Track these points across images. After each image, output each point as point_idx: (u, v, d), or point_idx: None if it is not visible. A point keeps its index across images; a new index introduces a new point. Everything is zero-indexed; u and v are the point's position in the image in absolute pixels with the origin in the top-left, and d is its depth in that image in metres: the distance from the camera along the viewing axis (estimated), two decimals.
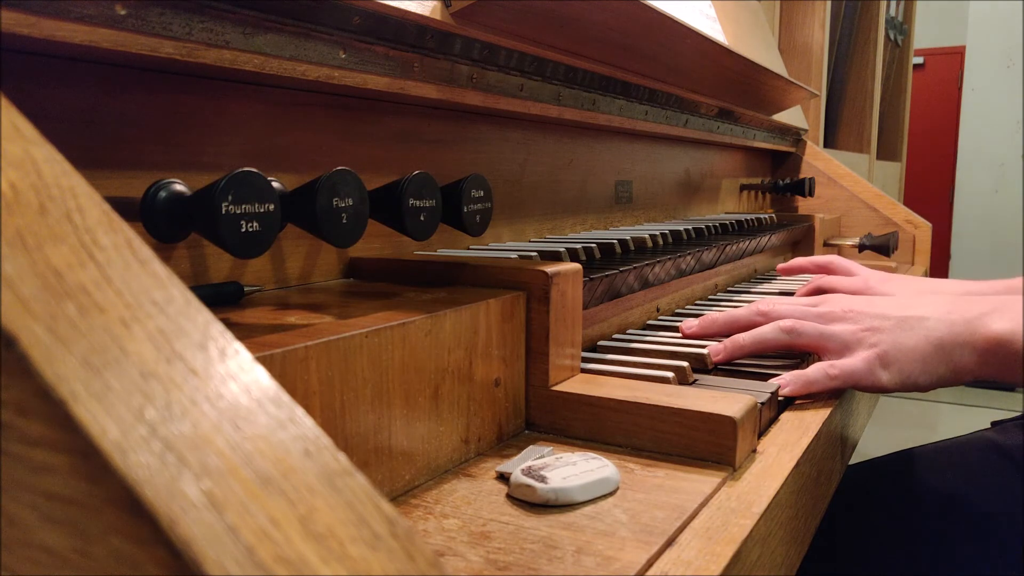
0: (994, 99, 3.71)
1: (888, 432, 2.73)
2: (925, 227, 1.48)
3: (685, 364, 0.57)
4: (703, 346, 0.64)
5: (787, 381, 0.57)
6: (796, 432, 0.51)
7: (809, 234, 1.31)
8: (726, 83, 1.03)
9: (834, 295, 0.68)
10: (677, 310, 0.84)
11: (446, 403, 0.43)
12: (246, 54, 0.43)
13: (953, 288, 0.81)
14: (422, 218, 0.49)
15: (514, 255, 0.62)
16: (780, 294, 0.94)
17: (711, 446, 0.44)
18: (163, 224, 0.40)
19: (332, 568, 0.17)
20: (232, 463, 0.18)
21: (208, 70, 0.44)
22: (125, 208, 0.40)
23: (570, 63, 0.73)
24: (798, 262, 0.95)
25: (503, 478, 0.42)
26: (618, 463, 0.43)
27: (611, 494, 0.40)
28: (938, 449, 0.80)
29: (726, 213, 1.37)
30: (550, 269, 0.49)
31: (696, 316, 0.71)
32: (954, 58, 4.05)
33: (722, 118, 1.18)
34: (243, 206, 0.38)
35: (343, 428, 0.36)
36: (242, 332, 0.36)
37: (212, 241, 0.39)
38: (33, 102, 0.39)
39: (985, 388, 3.25)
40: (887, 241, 1.30)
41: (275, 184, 0.45)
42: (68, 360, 0.18)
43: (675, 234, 0.88)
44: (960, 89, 3.89)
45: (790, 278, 1.07)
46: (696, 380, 0.57)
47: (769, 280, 1.08)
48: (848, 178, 1.57)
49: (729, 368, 0.63)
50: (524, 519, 0.37)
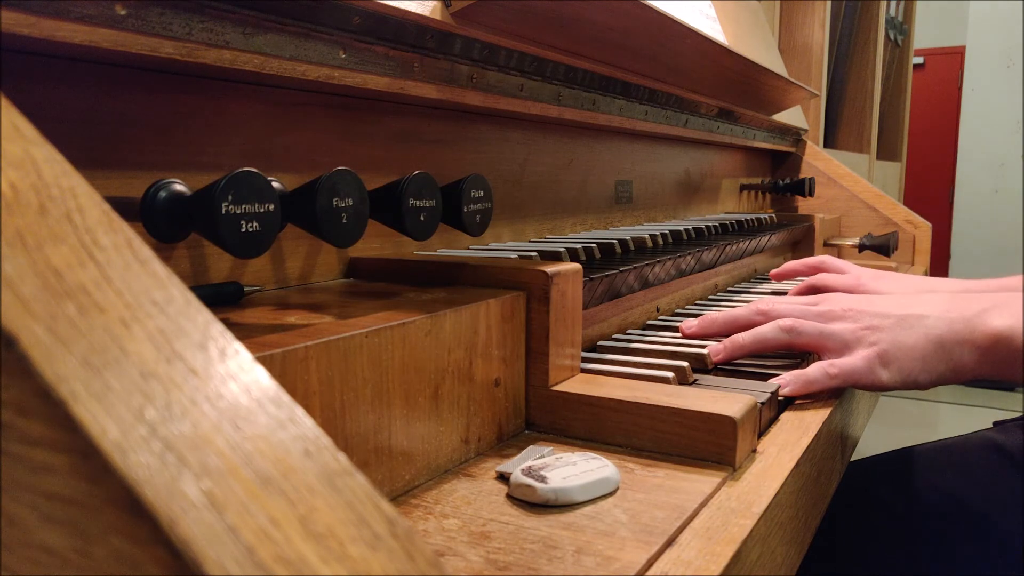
0: (994, 99, 3.72)
1: (888, 431, 2.72)
2: (925, 227, 1.48)
3: (685, 364, 0.57)
4: (703, 346, 0.64)
5: (787, 381, 0.57)
6: (796, 432, 0.51)
7: (809, 234, 1.31)
8: (726, 83, 1.03)
9: (833, 294, 0.68)
10: (677, 310, 0.84)
11: (446, 403, 0.43)
12: (246, 54, 0.43)
13: (947, 286, 0.81)
14: (422, 218, 0.49)
15: (514, 255, 0.62)
16: (780, 294, 0.94)
17: (711, 446, 0.44)
18: (163, 224, 0.40)
19: (332, 568, 0.17)
20: (232, 463, 0.18)
21: (208, 70, 0.44)
22: (125, 208, 0.40)
23: (570, 63, 0.73)
24: (790, 266, 0.93)
25: (503, 478, 0.42)
26: (618, 463, 0.43)
27: (611, 494, 0.40)
28: (938, 448, 0.80)
29: (726, 213, 1.37)
30: (550, 269, 0.49)
31: (696, 316, 0.71)
32: (954, 58, 4.05)
33: (722, 118, 1.18)
34: (243, 206, 0.38)
35: (343, 428, 0.36)
36: (242, 332, 0.36)
37: (212, 241, 0.39)
38: (33, 102, 0.39)
39: (985, 388, 3.25)
40: (887, 241, 1.30)
41: (275, 184, 0.45)
42: (68, 360, 0.18)
43: (675, 234, 0.88)
44: (960, 89, 3.89)
45: (786, 283, 1.07)
46: (696, 380, 0.57)
47: (769, 280, 1.08)
48: (848, 178, 1.57)
49: (729, 368, 0.63)
50: (524, 519, 0.37)
